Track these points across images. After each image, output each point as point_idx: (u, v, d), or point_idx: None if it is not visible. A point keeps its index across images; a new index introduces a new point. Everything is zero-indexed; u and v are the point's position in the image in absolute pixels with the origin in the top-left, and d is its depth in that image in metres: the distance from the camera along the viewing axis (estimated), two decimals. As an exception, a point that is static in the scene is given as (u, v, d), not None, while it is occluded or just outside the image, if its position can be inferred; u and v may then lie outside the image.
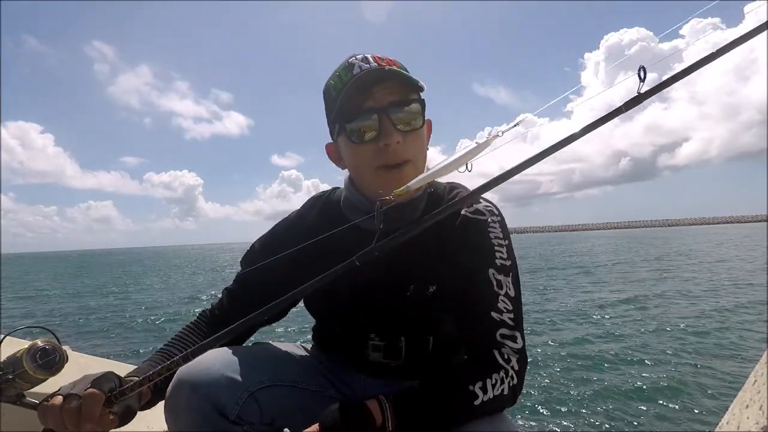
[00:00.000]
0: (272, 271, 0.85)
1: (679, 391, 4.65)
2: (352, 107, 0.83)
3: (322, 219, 0.98)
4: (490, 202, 0.94)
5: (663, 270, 16.84)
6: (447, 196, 0.95)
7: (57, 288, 21.38)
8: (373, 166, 0.85)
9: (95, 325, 10.48)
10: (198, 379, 0.78)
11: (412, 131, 0.85)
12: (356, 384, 0.99)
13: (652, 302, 10.07)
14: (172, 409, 0.79)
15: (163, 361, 0.87)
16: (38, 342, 0.77)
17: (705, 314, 8.51)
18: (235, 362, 0.83)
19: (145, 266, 40.34)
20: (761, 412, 1.03)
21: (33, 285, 23.74)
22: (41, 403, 0.72)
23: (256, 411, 0.81)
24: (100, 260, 65.98)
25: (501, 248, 0.87)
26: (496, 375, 0.78)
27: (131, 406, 0.76)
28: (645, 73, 0.61)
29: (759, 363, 1.18)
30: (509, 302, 0.84)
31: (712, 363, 5.57)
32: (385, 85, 0.83)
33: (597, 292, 11.92)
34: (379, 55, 0.86)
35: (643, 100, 0.64)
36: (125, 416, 0.74)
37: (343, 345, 0.99)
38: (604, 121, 0.65)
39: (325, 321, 1.03)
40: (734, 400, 1.21)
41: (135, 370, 0.84)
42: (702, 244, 34.94)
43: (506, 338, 0.81)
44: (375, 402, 0.73)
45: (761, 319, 7.89)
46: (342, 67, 0.86)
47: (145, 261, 54.28)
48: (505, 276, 0.85)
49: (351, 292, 0.91)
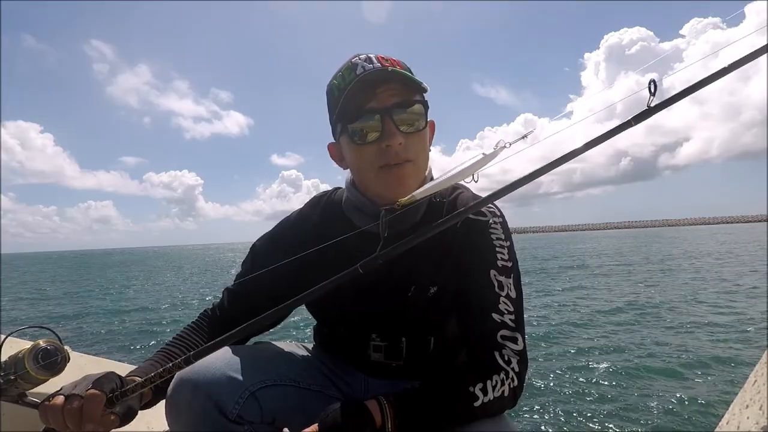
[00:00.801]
0: (273, 271, 0.85)
1: (679, 391, 4.65)
2: (354, 108, 0.83)
3: (323, 219, 0.98)
4: (492, 203, 0.94)
5: (665, 270, 16.83)
6: (449, 197, 0.95)
7: (57, 288, 21.38)
8: (375, 167, 0.84)
9: (96, 326, 10.48)
10: (199, 378, 0.78)
11: (415, 133, 0.85)
12: (357, 384, 0.99)
13: (652, 302, 10.06)
14: (173, 408, 0.80)
15: (165, 360, 0.87)
16: (40, 342, 0.78)
17: (705, 314, 8.51)
18: (236, 361, 0.84)
19: (146, 266, 40.34)
20: (761, 412, 1.03)
21: (33, 285, 23.74)
22: (42, 402, 0.73)
23: (257, 410, 0.81)
24: (100, 260, 65.98)
25: (502, 249, 0.87)
26: (497, 376, 0.78)
27: (132, 406, 0.76)
28: (655, 87, 0.60)
29: (759, 363, 1.18)
30: (510, 303, 0.83)
31: (712, 363, 5.56)
32: (388, 86, 0.82)
33: (596, 292, 11.91)
34: (382, 55, 0.85)
35: (653, 114, 0.63)
36: (126, 416, 0.74)
37: (344, 345, 1.00)
38: (613, 134, 0.64)
39: (327, 321, 1.03)
40: (734, 400, 1.21)
41: (136, 369, 0.84)
42: (702, 244, 34.92)
43: (507, 340, 0.81)
44: (375, 402, 0.73)
45: (761, 319, 7.88)
46: (345, 67, 0.85)
47: (145, 261, 54.30)
48: (507, 277, 0.85)
49: (353, 293, 0.91)
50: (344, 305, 0.93)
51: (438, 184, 0.67)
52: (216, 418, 0.78)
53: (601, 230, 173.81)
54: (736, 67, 0.61)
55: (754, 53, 0.61)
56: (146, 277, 26.89)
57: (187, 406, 0.78)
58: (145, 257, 72.99)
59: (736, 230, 73.01)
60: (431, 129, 0.93)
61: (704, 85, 0.63)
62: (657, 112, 0.63)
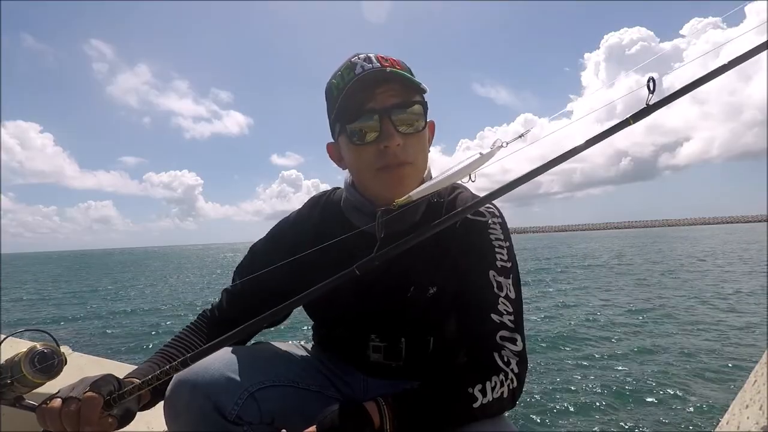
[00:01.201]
0: (272, 272, 0.85)
1: (679, 391, 4.65)
2: (353, 108, 0.82)
3: (322, 219, 0.98)
4: (491, 203, 0.93)
5: (664, 271, 16.82)
6: (447, 197, 0.94)
7: (57, 288, 21.38)
8: (373, 167, 0.84)
9: (96, 325, 10.48)
10: (198, 378, 0.78)
11: (414, 133, 0.84)
12: (356, 384, 0.99)
13: (651, 302, 10.06)
14: (172, 409, 0.79)
15: (163, 361, 0.87)
16: (37, 345, 0.77)
17: (705, 314, 8.51)
18: (234, 362, 0.83)
19: (146, 266, 40.33)
20: (761, 412, 1.03)
21: (33, 285, 23.73)
22: (40, 405, 0.73)
23: (256, 411, 0.81)
24: (100, 260, 65.97)
25: (501, 250, 0.86)
26: (496, 377, 0.78)
27: (130, 408, 0.76)
28: (654, 84, 0.60)
29: (759, 363, 1.18)
30: (509, 304, 0.83)
31: (711, 363, 5.56)
32: (387, 87, 0.82)
33: (596, 292, 11.91)
34: (382, 54, 0.85)
35: (652, 112, 0.63)
36: (124, 419, 0.74)
37: (343, 345, 0.99)
38: (611, 133, 0.63)
39: (326, 322, 1.03)
40: (734, 400, 1.21)
41: (135, 371, 0.84)
42: (702, 244, 34.92)
43: (506, 340, 0.81)
44: (373, 404, 0.73)
45: (761, 319, 7.88)
46: (344, 67, 0.85)
47: (145, 261, 54.30)
48: (506, 278, 0.85)
49: (351, 294, 0.91)
50: (343, 305, 0.93)
51: (435, 184, 0.66)
52: (215, 418, 0.78)
53: (601, 230, 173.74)
54: (735, 64, 0.61)
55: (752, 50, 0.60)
56: (147, 277, 26.89)
57: (185, 407, 0.78)
58: (145, 257, 72.98)
59: (736, 230, 73.01)
60: (431, 130, 0.93)
61: (703, 83, 0.62)
62: (656, 110, 0.63)
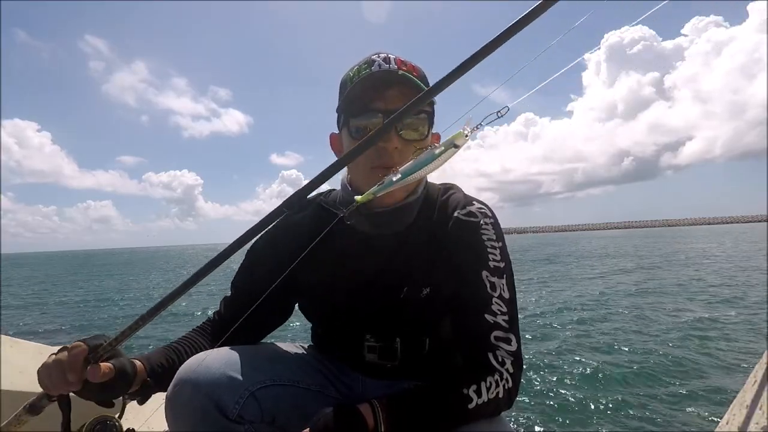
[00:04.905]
0: (268, 273, 0.85)
1: (679, 391, 4.65)
2: (360, 103, 0.84)
3: (317, 220, 0.98)
4: (483, 203, 0.93)
5: (664, 270, 16.82)
6: (440, 198, 0.95)
7: (57, 288, 21.40)
8: (367, 166, 0.85)
9: (96, 324, 10.49)
10: (199, 378, 0.79)
11: (414, 141, 0.85)
12: (355, 384, 0.99)
13: (651, 302, 10.05)
14: (173, 408, 0.80)
15: (165, 353, 0.88)
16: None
17: (705, 314, 8.50)
18: (236, 361, 0.84)
19: (146, 266, 40.36)
20: (761, 412, 1.03)
21: (33, 285, 23.75)
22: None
23: (257, 410, 0.82)
24: (100, 260, 66.02)
25: (494, 250, 0.87)
26: (491, 378, 0.77)
27: (125, 366, 0.77)
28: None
29: (759, 363, 1.18)
30: (503, 304, 0.83)
31: (712, 363, 5.56)
32: (397, 89, 0.83)
33: (596, 293, 11.90)
34: (402, 58, 0.86)
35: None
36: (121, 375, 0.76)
37: (339, 346, 1.00)
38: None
39: (321, 321, 1.03)
40: (734, 400, 1.21)
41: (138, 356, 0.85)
42: (701, 244, 34.91)
43: (500, 340, 0.80)
44: (367, 406, 0.73)
45: (761, 318, 7.88)
46: (363, 62, 0.87)
47: (145, 261, 54.33)
48: (499, 278, 0.85)
49: (345, 293, 0.91)
50: (337, 306, 0.93)
51: (403, 180, 0.68)
52: (216, 417, 0.78)
53: (601, 230, 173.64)
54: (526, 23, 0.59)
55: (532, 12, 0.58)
56: (146, 277, 26.89)
57: (187, 405, 0.78)
58: (146, 257, 73.01)
59: (736, 230, 72.98)
60: (435, 141, 0.93)
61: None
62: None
